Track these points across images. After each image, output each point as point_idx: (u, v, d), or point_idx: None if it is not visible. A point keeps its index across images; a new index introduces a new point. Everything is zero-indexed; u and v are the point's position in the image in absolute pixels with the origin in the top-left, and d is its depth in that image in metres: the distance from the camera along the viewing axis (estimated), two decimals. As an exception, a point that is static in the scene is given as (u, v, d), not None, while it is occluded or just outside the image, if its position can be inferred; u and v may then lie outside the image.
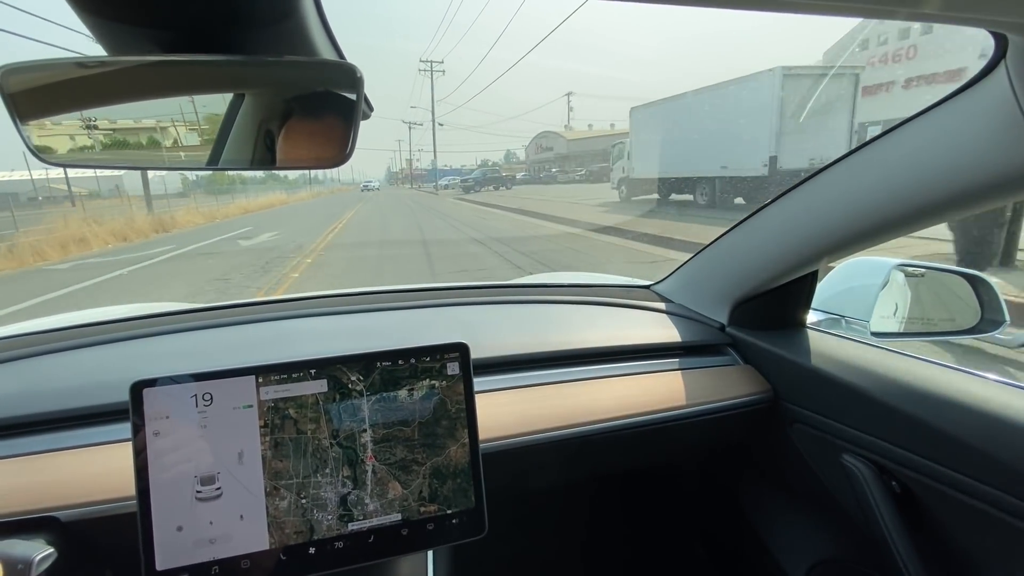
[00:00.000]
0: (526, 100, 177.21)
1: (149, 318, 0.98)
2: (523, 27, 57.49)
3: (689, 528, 1.28)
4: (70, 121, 0.42)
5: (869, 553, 0.85)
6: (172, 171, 0.62)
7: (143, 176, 19.59)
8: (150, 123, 0.43)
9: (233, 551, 0.52)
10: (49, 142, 0.42)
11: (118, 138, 0.43)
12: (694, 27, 53.29)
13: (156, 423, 0.51)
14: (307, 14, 0.38)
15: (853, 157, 0.70)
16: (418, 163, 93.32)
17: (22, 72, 0.38)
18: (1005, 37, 0.48)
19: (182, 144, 0.45)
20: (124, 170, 0.49)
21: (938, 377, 0.72)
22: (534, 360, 0.92)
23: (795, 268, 0.86)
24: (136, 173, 41.67)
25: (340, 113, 0.43)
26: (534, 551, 1.23)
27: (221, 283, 6.50)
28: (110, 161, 0.44)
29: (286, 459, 0.54)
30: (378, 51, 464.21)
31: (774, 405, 0.93)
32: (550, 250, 8.25)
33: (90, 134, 0.42)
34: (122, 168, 0.47)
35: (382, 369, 0.58)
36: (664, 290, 1.22)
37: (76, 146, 0.42)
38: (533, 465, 0.81)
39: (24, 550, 0.52)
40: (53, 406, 0.71)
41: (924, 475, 0.70)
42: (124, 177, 53.13)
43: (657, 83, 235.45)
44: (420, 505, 0.58)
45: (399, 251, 8.99)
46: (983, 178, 0.55)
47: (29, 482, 0.61)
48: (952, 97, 0.57)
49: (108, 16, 0.35)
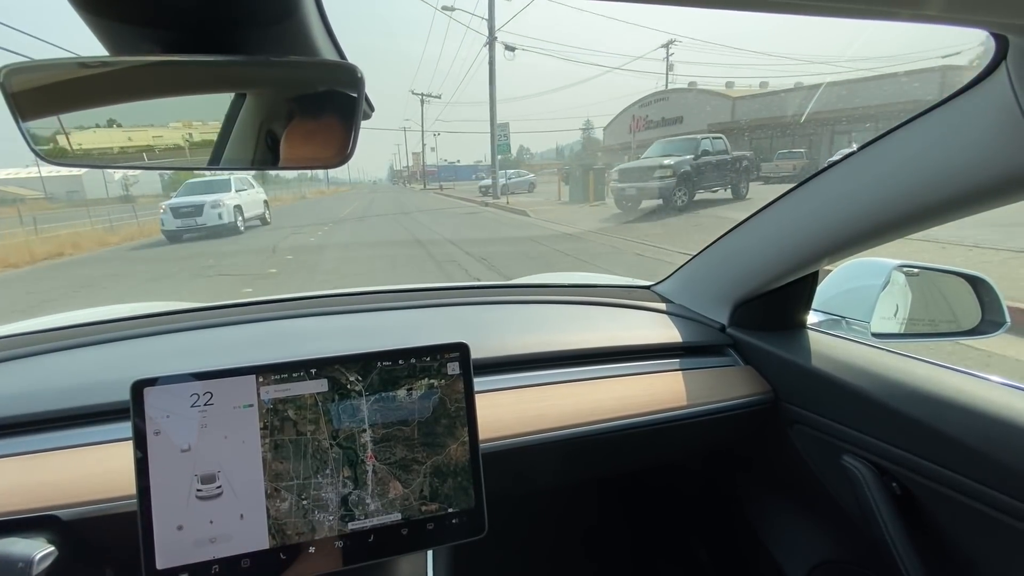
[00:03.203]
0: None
1: (149, 317, 0.99)
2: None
3: (689, 529, 1.28)
4: (72, 121, 0.42)
5: (869, 554, 0.85)
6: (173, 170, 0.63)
7: (107, 175, 18.66)
8: (152, 123, 0.43)
9: (233, 550, 0.52)
10: (51, 142, 0.42)
11: (120, 138, 0.43)
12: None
13: (156, 422, 0.51)
14: (308, 14, 0.38)
15: (854, 158, 0.70)
16: (432, 150, 65.05)
17: (25, 72, 0.38)
18: (1006, 38, 0.48)
19: (183, 144, 0.45)
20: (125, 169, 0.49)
21: (939, 378, 0.72)
22: (534, 360, 0.92)
23: (796, 269, 0.86)
24: (99, 177, 38.87)
25: (341, 113, 0.43)
26: (534, 551, 1.23)
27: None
28: (111, 161, 0.44)
29: (286, 460, 0.54)
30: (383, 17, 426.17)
31: (774, 406, 0.93)
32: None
33: (92, 134, 0.42)
34: (123, 168, 0.47)
35: (381, 369, 0.58)
36: (664, 290, 1.22)
37: (78, 146, 0.42)
38: (533, 465, 0.81)
39: (24, 548, 0.52)
40: (54, 405, 0.71)
41: (925, 476, 0.70)
42: (85, 180, 50.08)
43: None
44: (421, 504, 0.58)
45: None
46: (983, 179, 0.55)
47: (29, 481, 0.62)
48: (952, 98, 0.57)
49: (110, 16, 0.36)
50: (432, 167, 53.13)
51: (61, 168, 5.84)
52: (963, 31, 0.44)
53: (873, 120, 18.55)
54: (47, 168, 40.57)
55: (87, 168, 0.49)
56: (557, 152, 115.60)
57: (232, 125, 0.46)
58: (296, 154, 0.46)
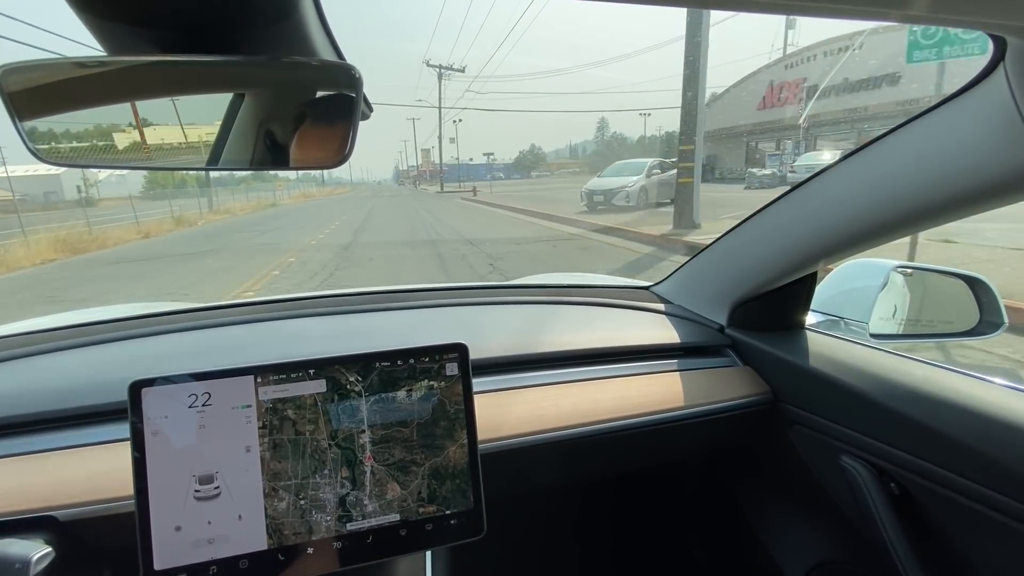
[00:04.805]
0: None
1: (147, 317, 0.98)
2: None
3: (688, 529, 1.28)
4: (69, 121, 0.42)
5: (868, 555, 0.85)
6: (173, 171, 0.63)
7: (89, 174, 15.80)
8: (149, 123, 0.43)
9: (231, 551, 0.52)
10: (48, 142, 0.42)
11: (117, 138, 0.43)
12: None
13: (154, 423, 0.51)
14: (306, 14, 0.38)
15: (852, 159, 0.70)
16: (451, 141, 57.52)
17: (22, 72, 0.38)
18: (1004, 39, 0.48)
19: (181, 144, 0.45)
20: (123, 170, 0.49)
21: (937, 379, 0.72)
22: (533, 361, 0.92)
23: (794, 270, 0.86)
24: (77, 178, 36.18)
25: (340, 113, 0.43)
26: (532, 552, 1.23)
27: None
28: (108, 161, 0.44)
29: (284, 460, 0.54)
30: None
31: (773, 406, 0.93)
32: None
33: (89, 134, 0.42)
34: (121, 168, 0.47)
35: (381, 369, 0.58)
36: (663, 291, 1.22)
37: (75, 146, 0.42)
38: (532, 466, 0.81)
39: (22, 549, 0.52)
40: (51, 405, 0.71)
41: (923, 477, 0.70)
42: (64, 180, 47.41)
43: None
44: (419, 506, 0.58)
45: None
46: (981, 180, 0.55)
47: (27, 481, 0.61)
48: (950, 99, 0.57)
49: (107, 16, 0.35)
50: (442, 165, 45.84)
51: (39, 167, 5.73)
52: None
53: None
54: (22, 167, 39.37)
55: (84, 169, 0.49)
56: (571, 151, 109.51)
57: (230, 125, 0.46)
58: (295, 154, 0.46)
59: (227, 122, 0.46)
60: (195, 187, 28.93)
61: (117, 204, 24.26)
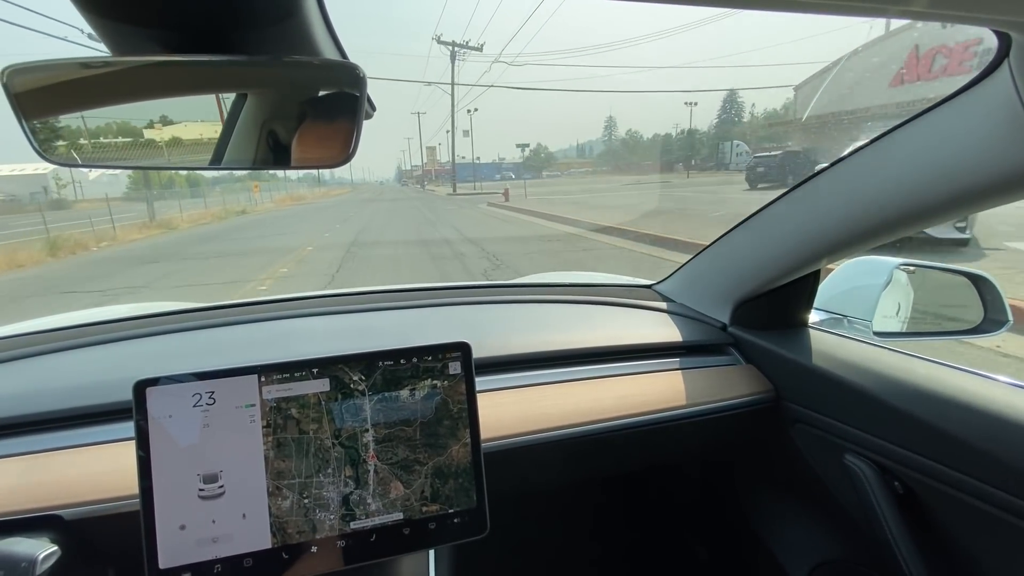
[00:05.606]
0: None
1: (151, 317, 0.99)
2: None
3: (691, 528, 1.28)
4: (74, 121, 0.42)
5: (871, 553, 0.85)
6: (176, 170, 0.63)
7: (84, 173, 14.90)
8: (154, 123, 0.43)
9: (235, 550, 0.52)
10: (53, 142, 0.42)
11: (121, 138, 0.43)
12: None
13: (159, 422, 0.51)
14: (310, 14, 0.38)
15: (856, 156, 0.70)
16: (465, 135, 48.72)
17: (27, 72, 0.38)
18: (1009, 36, 0.48)
19: (185, 144, 0.45)
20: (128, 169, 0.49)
21: (941, 377, 0.72)
22: (536, 360, 0.92)
23: (797, 268, 0.86)
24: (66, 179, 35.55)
25: (343, 112, 0.43)
26: (535, 550, 1.23)
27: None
28: (113, 161, 0.44)
29: (288, 459, 0.54)
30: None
31: (776, 405, 0.92)
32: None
33: (94, 134, 0.42)
34: (125, 168, 0.47)
35: (384, 368, 0.58)
36: (666, 290, 1.22)
37: (80, 146, 0.43)
38: (535, 465, 0.81)
39: (27, 548, 0.53)
40: (56, 405, 0.71)
41: (927, 475, 0.70)
42: (52, 179, 46.90)
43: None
44: (422, 505, 0.58)
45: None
46: (986, 177, 0.54)
47: (32, 481, 0.62)
48: (955, 96, 0.56)
49: (112, 16, 0.36)
50: (446, 165, 40.07)
51: (25, 167, 5.63)
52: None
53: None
54: (7, 166, 38.65)
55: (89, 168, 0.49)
56: (578, 150, 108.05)
57: (234, 125, 0.46)
58: (298, 154, 0.46)
59: (230, 122, 0.46)
60: (185, 187, 26.61)
61: (92, 206, 22.25)
